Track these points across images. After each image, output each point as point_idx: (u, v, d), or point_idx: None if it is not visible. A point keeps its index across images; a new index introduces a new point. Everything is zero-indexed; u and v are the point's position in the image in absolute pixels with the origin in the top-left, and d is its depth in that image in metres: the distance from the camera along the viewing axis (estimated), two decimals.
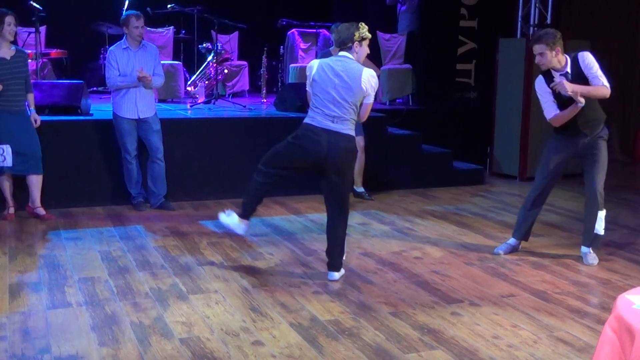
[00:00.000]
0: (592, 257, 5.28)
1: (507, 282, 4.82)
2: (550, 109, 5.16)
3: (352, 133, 4.64)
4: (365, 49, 4.70)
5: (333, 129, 4.53)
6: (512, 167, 8.85)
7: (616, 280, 4.89)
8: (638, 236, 6.07)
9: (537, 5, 9.15)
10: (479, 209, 7.14)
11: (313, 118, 4.62)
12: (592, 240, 5.29)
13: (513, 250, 5.50)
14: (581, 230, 5.48)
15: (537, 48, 5.01)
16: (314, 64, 4.69)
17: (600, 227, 5.23)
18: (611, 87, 5.05)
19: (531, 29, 9.18)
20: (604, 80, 4.98)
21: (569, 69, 5.05)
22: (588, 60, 5.02)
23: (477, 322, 4.07)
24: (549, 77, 5.10)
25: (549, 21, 9.14)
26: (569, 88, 4.83)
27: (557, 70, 5.07)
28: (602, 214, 5.22)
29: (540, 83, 5.19)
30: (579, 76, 5.02)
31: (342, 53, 4.66)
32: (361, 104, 4.64)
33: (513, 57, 8.74)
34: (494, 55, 9.04)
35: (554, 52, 4.97)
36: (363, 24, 4.69)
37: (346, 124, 4.56)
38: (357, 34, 4.60)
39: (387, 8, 10.11)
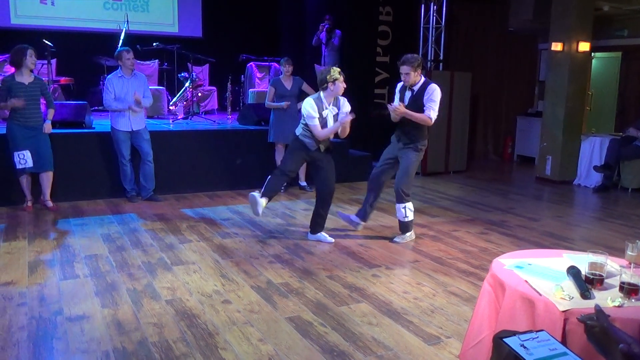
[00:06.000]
0: (400, 237, 5.11)
1: (413, 251, 4.88)
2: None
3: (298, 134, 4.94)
4: (339, 85, 4.70)
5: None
6: None
7: (492, 249, 5.02)
8: (507, 216, 6.23)
9: (432, 46, 9.30)
10: (392, 197, 7.16)
11: None
12: (400, 226, 5.10)
13: (354, 224, 5.32)
14: (460, 210, 5.52)
15: (404, 68, 4.75)
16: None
17: (409, 214, 5.04)
18: (479, 111, 5.01)
19: (429, 63, 9.32)
20: (431, 113, 4.74)
21: (416, 88, 4.84)
22: (432, 93, 4.77)
23: (391, 282, 4.12)
24: (404, 86, 4.92)
25: (441, 57, 9.31)
26: (398, 111, 4.73)
27: (410, 86, 4.86)
28: (409, 205, 5.00)
29: (399, 87, 4.98)
30: (419, 97, 4.81)
31: (321, 93, 4.77)
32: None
33: None
34: None
35: (416, 73, 4.78)
36: (334, 67, 4.73)
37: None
38: (328, 77, 4.68)
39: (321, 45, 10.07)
